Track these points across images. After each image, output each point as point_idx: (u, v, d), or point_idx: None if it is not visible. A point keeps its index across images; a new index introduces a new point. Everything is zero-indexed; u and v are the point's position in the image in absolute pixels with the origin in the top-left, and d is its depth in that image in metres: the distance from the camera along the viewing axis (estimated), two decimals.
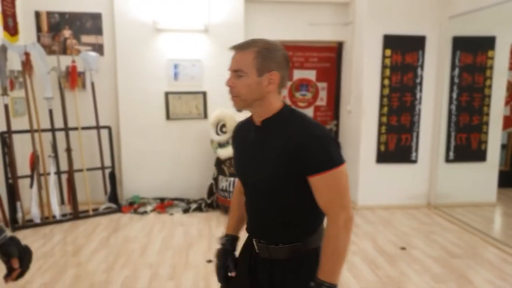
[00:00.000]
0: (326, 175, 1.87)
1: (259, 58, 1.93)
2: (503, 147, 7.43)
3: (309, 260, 2.04)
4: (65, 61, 6.65)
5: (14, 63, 6.21)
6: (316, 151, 1.88)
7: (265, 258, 2.12)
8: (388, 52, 6.65)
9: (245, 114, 2.12)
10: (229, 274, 2.32)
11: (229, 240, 2.43)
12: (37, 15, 6.73)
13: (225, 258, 2.35)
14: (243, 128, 2.24)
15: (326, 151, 1.88)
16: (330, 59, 7.67)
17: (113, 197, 6.83)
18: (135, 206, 6.82)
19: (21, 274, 2.06)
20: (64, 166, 6.48)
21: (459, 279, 4.52)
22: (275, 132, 1.99)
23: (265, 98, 1.98)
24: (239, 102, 2.01)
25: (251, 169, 2.11)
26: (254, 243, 2.18)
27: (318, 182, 1.89)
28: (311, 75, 7.66)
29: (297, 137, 1.90)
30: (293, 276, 2.06)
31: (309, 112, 7.72)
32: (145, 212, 6.64)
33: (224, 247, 2.40)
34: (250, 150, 2.12)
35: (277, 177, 1.97)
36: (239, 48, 1.98)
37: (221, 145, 6.56)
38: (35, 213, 6.05)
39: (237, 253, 2.38)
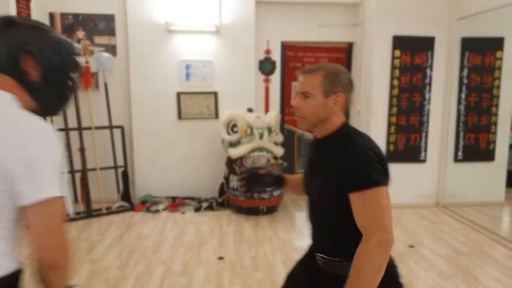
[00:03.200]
0: (362, 194, 1.90)
1: (326, 81, 2.03)
2: (511, 147, 7.46)
3: None
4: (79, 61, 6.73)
5: None
6: (354, 170, 1.93)
7: (323, 273, 2.14)
8: (397, 53, 6.70)
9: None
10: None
11: (280, 175, 2.65)
12: (51, 16, 6.83)
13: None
14: (311, 142, 2.33)
15: (364, 171, 1.91)
16: (339, 60, 7.73)
17: (126, 196, 6.92)
18: (147, 204, 6.90)
19: None
20: (77, 165, 6.59)
21: (465, 276, 4.58)
22: (329, 150, 2.08)
23: (329, 119, 2.08)
24: (305, 123, 2.11)
25: (309, 182, 2.24)
26: (317, 258, 2.19)
27: (354, 201, 1.93)
28: None
29: (343, 156, 1.98)
30: None
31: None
32: (157, 211, 6.72)
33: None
34: (310, 164, 2.25)
35: (327, 193, 2.06)
36: (307, 72, 2.09)
37: (232, 144, 6.63)
38: None
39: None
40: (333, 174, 1.99)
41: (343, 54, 7.73)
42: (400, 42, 6.68)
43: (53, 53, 1.63)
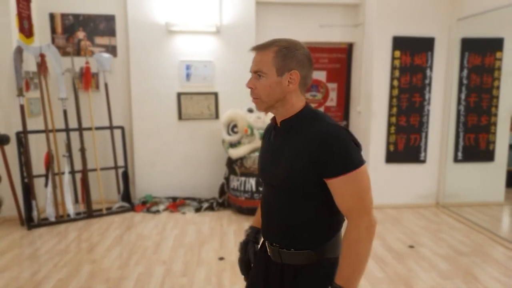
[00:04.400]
0: (345, 178, 1.79)
1: (278, 57, 1.88)
2: (511, 147, 7.47)
3: (321, 270, 1.98)
4: (79, 62, 6.75)
5: (29, 64, 6.33)
6: (335, 153, 1.80)
7: (277, 262, 2.07)
8: (397, 53, 6.71)
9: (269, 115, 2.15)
10: (252, 264, 2.28)
11: (253, 232, 2.35)
12: (52, 17, 6.84)
13: (246, 250, 2.30)
14: (269, 128, 2.18)
15: (345, 153, 1.80)
16: (340, 60, 7.74)
17: (126, 196, 6.93)
18: (148, 205, 6.92)
19: None
20: (78, 166, 6.60)
21: (465, 276, 4.59)
22: (294, 133, 1.93)
23: (286, 99, 1.93)
24: (261, 104, 1.97)
25: (269, 169, 2.05)
26: (267, 245, 2.13)
27: (338, 185, 1.82)
28: (321, 76, 7.72)
29: (316, 138, 1.83)
30: (304, 285, 1.99)
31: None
32: (157, 211, 6.74)
33: (247, 238, 2.34)
34: (270, 150, 2.07)
35: (293, 179, 1.90)
36: (259, 48, 1.94)
37: (233, 145, 6.64)
38: (50, 212, 6.16)
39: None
40: (306, 159, 1.84)
41: (343, 54, 7.74)
42: (400, 43, 6.69)
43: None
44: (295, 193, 1.95)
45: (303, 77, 1.93)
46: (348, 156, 1.80)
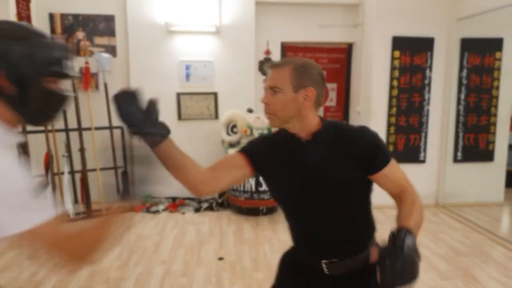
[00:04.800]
0: (391, 165, 2.01)
1: (295, 74, 1.93)
2: (511, 147, 7.47)
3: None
4: (79, 62, 6.73)
5: None
6: (379, 148, 2.00)
7: (337, 276, 2.09)
8: (397, 53, 6.72)
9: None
10: None
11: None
12: (51, 17, 6.84)
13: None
14: (278, 144, 2.14)
15: (384, 146, 2.05)
16: (339, 60, 7.75)
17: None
18: (147, 205, 6.92)
19: None
20: (77, 166, 6.59)
21: (465, 276, 4.59)
22: (331, 145, 2.01)
23: (302, 115, 1.98)
24: (275, 119, 2.00)
25: (313, 188, 2.02)
26: (324, 266, 2.09)
27: (388, 173, 2.01)
28: None
29: (358, 141, 1.98)
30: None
31: (319, 112, 7.78)
32: (157, 211, 6.74)
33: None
34: (301, 167, 2.04)
35: (347, 184, 2.00)
36: (276, 66, 1.99)
37: (232, 145, 6.64)
38: None
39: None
40: (350, 162, 1.97)
41: (343, 54, 7.74)
42: (399, 43, 6.70)
43: (27, 63, 1.55)
44: (349, 199, 2.05)
45: (318, 95, 1.99)
46: (385, 150, 2.04)
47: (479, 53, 6.75)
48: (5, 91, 1.52)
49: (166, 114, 6.95)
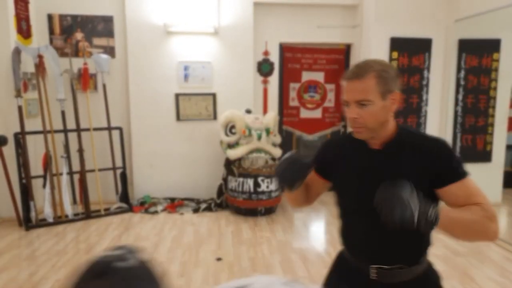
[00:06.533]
0: (466, 180, 1.87)
1: (381, 82, 1.85)
2: (509, 148, 7.48)
3: (431, 276, 2.06)
4: (77, 63, 6.76)
5: (27, 65, 6.33)
6: (454, 161, 1.88)
7: (384, 283, 1.99)
8: (395, 54, 6.73)
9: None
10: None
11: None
12: (50, 18, 6.85)
13: (298, 157, 2.03)
14: (344, 150, 2.12)
15: (458, 161, 1.89)
16: (338, 61, 7.75)
17: (124, 197, 6.93)
18: (146, 205, 6.92)
19: None
20: (76, 167, 6.59)
21: (462, 276, 4.61)
22: (404, 153, 1.92)
23: (388, 121, 1.94)
24: (367, 132, 1.92)
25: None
26: (373, 271, 2.00)
27: (455, 190, 1.85)
28: (319, 77, 7.74)
29: (432, 152, 1.87)
30: None
31: (317, 113, 7.82)
32: (155, 212, 6.74)
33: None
34: (370, 175, 1.96)
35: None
36: (356, 76, 1.87)
37: (231, 145, 6.65)
38: (48, 213, 6.17)
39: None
40: (418, 174, 1.85)
41: (341, 55, 7.75)
42: (397, 44, 6.71)
43: None
44: None
45: (401, 95, 1.95)
46: (461, 164, 1.89)
47: (476, 54, 6.76)
48: None
49: (165, 115, 7.03)
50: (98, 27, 6.97)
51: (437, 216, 1.67)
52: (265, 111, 7.44)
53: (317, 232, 6.40)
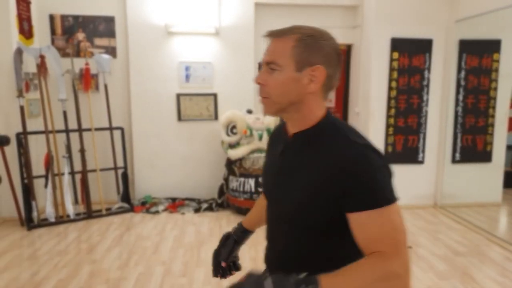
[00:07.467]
0: (371, 213, 1.41)
1: (300, 47, 1.48)
2: (509, 148, 7.50)
3: None
4: (79, 63, 6.77)
5: (29, 65, 6.35)
6: (363, 183, 1.41)
7: None
8: (396, 54, 6.74)
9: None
10: (221, 263, 2.01)
11: (239, 230, 2.04)
12: (52, 18, 6.86)
13: (224, 244, 2.01)
14: (278, 134, 1.82)
15: (376, 184, 1.43)
16: None
17: (126, 197, 6.95)
18: (147, 205, 6.94)
19: None
20: (77, 167, 6.61)
21: (463, 276, 4.62)
22: (311, 151, 1.55)
23: (304, 102, 1.55)
24: (271, 105, 1.58)
25: (275, 191, 1.71)
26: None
27: (361, 221, 1.43)
28: None
29: (342, 160, 1.44)
30: None
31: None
32: (157, 212, 6.76)
33: (230, 233, 2.05)
34: (277, 167, 1.70)
35: (305, 207, 1.53)
36: (276, 34, 1.54)
37: (232, 146, 6.66)
38: (49, 212, 6.18)
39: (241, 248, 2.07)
40: (325, 187, 1.46)
41: (342, 55, 7.75)
42: (398, 44, 6.72)
43: None
44: (304, 223, 1.58)
45: (329, 76, 1.55)
46: (378, 189, 1.43)
47: (477, 54, 6.78)
48: None
49: (166, 115, 7.04)
50: (100, 28, 6.98)
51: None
52: None
53: None
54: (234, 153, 6.56)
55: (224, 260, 2.00)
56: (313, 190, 1.49)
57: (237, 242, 2.01)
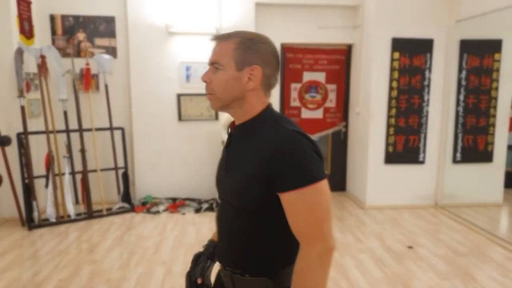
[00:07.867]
0: (299, 192, 1.54)
1: (239, 49, 1.66)
2: (510, 148, 7.49)
3: None
4: (79, 63, 6.77)
5: (30, 65, 6.35)
6: (289, 163, 1.56)
7: None
8: (397, 54, 6.74)
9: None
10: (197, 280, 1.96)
11: (210, 246, 2.02)
12: (52, 18, 6.86)
13: (196, 263, 1.99)
14: (228, 132, 1.93)
15: (302, 164, 1.56)
16: (339, 62, 7.76)
17: (126, 197, 6.95)
18: (148, 206, 6.94)
19: None
20: (78, 167, 6.62)
21: (463, 276, 4.62)
22: (249, 140, 1.72)
23: (245, 98, 1.71)
24: (216, 101, 1.74)
25: (222, 181, 1.85)
26: (220, 269, 1.92)
27: (291, 201, 1.57)
28: (320, 77, 7.75)
29: (270, 145, 1.60)
30: None
31: (319, 113, 7.83)
32: (157, 212, 6.76)
33: (201, 251, 2.04)
34: (224, 159, 1.85)
35: (244, 194, 1.67)
36: (220, 37, 1.73)
37: None
38: (50, 213, 6.19)
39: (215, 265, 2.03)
40: (258, 169, 1.60)
41: (343, 56, 7.76)
42: (399, 44, 6.72)
43: None
44: (247, 210, 1.71)
45: (266, 76, 1.71)
46: (305, 168, 1.56)
47: (478, 54, 6.77)
48: None
49: (166, 115, 7.03)
50: (100, 28, 6.98)
51: None
52: None
53: None
54: None
55: (199, 276, 1.95)
56: (251, 175, 1.63)
57: (209, 258, 2.00)
